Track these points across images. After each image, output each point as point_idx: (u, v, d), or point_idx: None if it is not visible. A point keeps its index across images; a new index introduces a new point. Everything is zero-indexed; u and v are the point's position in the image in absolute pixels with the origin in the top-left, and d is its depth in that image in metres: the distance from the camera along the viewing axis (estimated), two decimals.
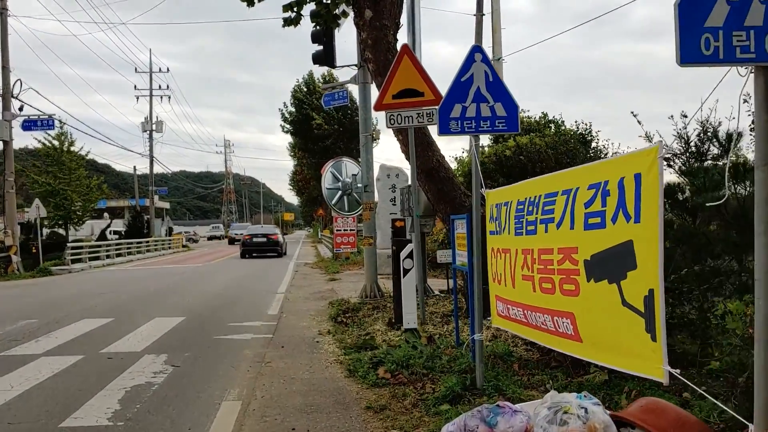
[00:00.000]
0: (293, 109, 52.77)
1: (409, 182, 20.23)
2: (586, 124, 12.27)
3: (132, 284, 18.73)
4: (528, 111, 13.14)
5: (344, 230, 25.82)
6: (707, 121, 9.79)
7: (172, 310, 12.57)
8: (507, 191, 5.01)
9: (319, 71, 54.19)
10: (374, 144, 12.41)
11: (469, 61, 5.40)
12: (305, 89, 52.12)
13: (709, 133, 9.58)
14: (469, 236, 6.38)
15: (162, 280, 19.85)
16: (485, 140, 22.75)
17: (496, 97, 5.41)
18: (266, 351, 8.30)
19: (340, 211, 13.54)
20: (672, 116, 9.45)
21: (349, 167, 13.82)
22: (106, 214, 67.13)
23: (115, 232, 52.84)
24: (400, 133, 9.12)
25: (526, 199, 4.32)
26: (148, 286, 18.05)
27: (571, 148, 11.36)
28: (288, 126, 53.95)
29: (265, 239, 34.32)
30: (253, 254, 33.30)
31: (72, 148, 43.14)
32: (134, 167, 60.16)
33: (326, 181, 13.59)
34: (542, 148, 11.24)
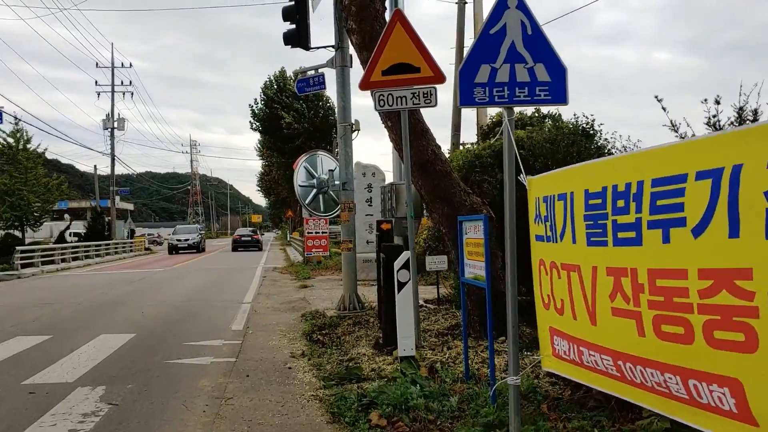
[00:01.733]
0: (263, 106, 51.06)
1: (387, 181, 18.83)
2: (587, 118, 10.88)
3: (84, 292, 17.00)
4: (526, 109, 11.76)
5: (316, 233, 24.31)
6: (742, 109, 8.53)
7: (122, 324, 10.97)
8: (565, 176, 3.60)
9: (291, 68, 52.77)
10: (353, 136, 10.93)
11: (501, 6, 3.99)
12: (276, 87, 50.50)
13: (748, 121, 8.33)
14: (487, 243, 4.99)
15: (117, 288, 18.15)
16: (472, 137, 21.22)
17: (537, 56, 4.01)
18: (228, 382, 6.80)
19: (314, 212, 12.01)
20: (705, 99, 8.18)
21: (326, 162, 12.29)
22: (67, 216, 64.42)
23: (75, 234, 50.47)
24: (389, 119, 7.71)
25: (605, 188, 2.91)
26: (100, 294, 16.35)
27: (572, 142, 10.01)
28: (257, 123, 52.22)
29: (249, 238, 50.92)
30: (239, 249, 48.55)
31: (28, 146, 41.07)
32: (95, 166, 57.99)
33: (299, 177, 12.01)
34: (541, 142, 9.91)
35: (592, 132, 10.76)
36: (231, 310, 12.73)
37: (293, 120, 47.99)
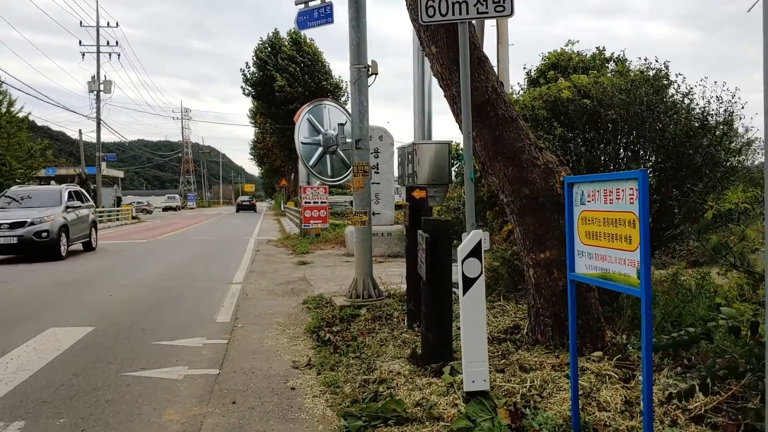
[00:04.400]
0: (256, 70, 48.52)
1: (397, 145, 16.63)
2: (661, 65, 8.58)
3: (49, 267, 14.85)
4: (577, 42, 9.46)
5: (314, 203, 22.14)
6: None
7: (82, 313, 8.88)
8: None
9: (286, 28, 50.19)
10: (370, 81, 8.71)
11: None
12: (269, 49, 47.90)
13: None
14: (645, 220, 2.89)
15: (88, 263, 15.99)
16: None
17: None
18: (205, 413, 4.72)
19: (320, 176, 9.74)
20: None
21: (334, 114, 9.99)
22: (53, 183, 61.98)
23: None
24: (435, 42, 5.53)
25: None
26: (64, 271, 14.20)
27: (645, 94, 7.82)
28: (249, 88, 49.71)
29: (248, 203, 73.59)
30: (240, 211, 69.84)
31: (11, 109, 38.83)
32: (80, 131, 55.39)
33: (301, 131, 9.65)
34: (611, 90, 7.75)
35: (666, 82, 8.43)
36: (217, 292, 10.65)
37: (286, 83, 45.57)
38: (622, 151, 7.82)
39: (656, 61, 8.63)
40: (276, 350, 6.69)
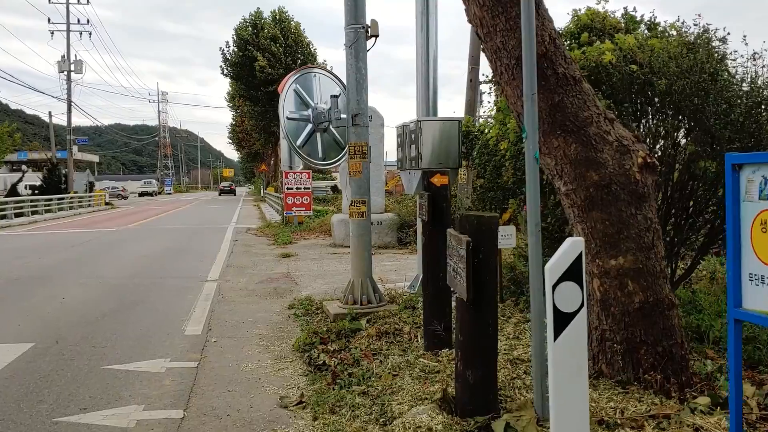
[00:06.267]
0: (236, 50, 46.64)
1: (391, 123, 15.11)
2: (701, 28, 7.12)
3: (0, 262, 13.27)
4: (607, 2, 7.98)
5: (297, 188, 20.67)
6: None
7: (21, 324, 7.39)
8: None
9: (270, 7, 48.26)
10: (369, 44, 7.22)
11: None
12: (251, 28, 46.03)
13: None
14: None
15: (50, 255, 14.41)
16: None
17: None
18: None
19: (309, 158, 8.28)
20: None
21: (325, 84, 8.45)
22: (24, 167, 59.74)
23: (31, 187, 46.09)
24: None
25: None
26: (22, 265, 12.63)
27: (706, 59, 6.43)
28: (229, 69, 47.81)
29: (229, 188, 78.97)
30: (222, 194, 74.83)
31: None
32: (49, 113, 53.04)
33: (287, 105, 8.13)
34: (662, 56, 6.36)
35: (712, 49, 6.95)
36: (189, 293, 9.22)
37: (268, 64, 43.82)
38: (669, 130, 6.47)
39: (695, 23, 7.14)
40: (258, 378, 5.29)
